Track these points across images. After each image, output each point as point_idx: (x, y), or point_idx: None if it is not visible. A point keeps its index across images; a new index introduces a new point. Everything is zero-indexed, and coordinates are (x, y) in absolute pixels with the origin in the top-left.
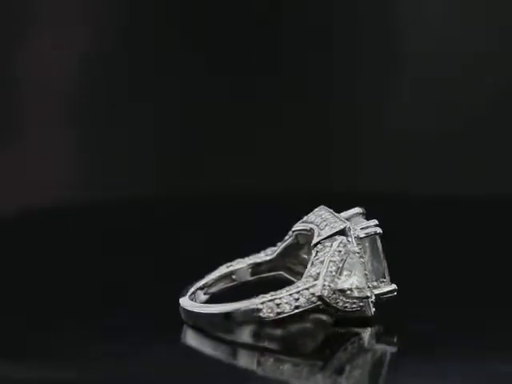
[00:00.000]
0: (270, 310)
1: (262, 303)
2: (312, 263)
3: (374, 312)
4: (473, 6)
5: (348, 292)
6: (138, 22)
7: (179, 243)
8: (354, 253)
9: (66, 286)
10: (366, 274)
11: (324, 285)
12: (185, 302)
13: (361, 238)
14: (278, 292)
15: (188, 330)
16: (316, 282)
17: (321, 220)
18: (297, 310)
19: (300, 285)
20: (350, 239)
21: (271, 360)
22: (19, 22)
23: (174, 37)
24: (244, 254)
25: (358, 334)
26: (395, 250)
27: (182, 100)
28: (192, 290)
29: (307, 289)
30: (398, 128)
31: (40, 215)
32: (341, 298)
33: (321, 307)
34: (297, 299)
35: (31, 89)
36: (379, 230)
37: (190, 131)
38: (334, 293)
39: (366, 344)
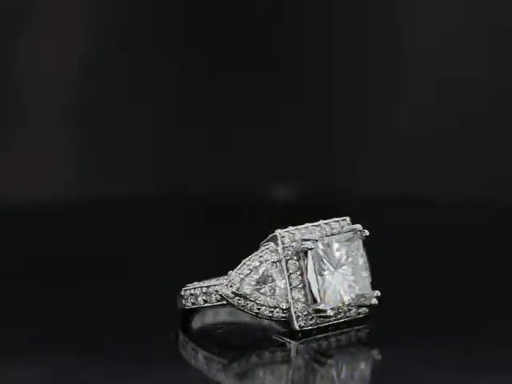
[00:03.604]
0: (187, 299)
1: (185, 291)
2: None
3: (301, 327)
4: (473, 7)
5: (253, 298)
6: (137, 21)
7: (179, 243)
8: (275, 262)
9: (65, 284)
10: (296, 287)
11: (227, 285)
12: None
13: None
14: (199, 283)
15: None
16: (223, 281)
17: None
18: (206, 304)
19: (213, 281)
20: (278, 248)
21: (189, 347)
22: (19, 22)
23: (174, 37)
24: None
25: (283, 345)
26: (393, 251)
27: (182, 100)
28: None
29: (215, 285)
30: (398, 128)
31: (39, 215)
32: (248, 302)
33: (227, 306)
34: (205, 293)
35: (31, 89)
36: (310, 245)
37: (189, 131)
38: (236, 295)
39: (286, 356)
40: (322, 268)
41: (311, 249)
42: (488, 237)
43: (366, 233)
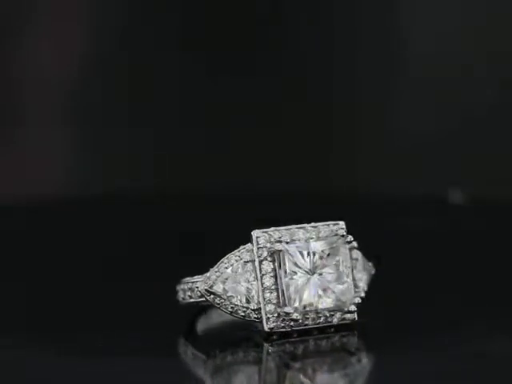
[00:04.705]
0: (179, 294)
1: (179, 285)
2: None
3: (271, 329)
4: (473, 7)
5: (225, 296)
6: (137, 21)
7: (179, 243)
8: (247, 262)
9: (65, 284)
10: (268, 288)
11: (204, 281)
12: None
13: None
14: (190, 278)
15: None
16: (202, 278)
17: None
18: (192, 300)
19: (197, 277)
20: (254, 248)
21: (183, 341)
22: (19, 22)
23: (174, 37)
24: None
25: (259, 346)
26: (392, 249)
27: (182, 100)
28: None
29: (197, 281)
30: (398, 128)
31: (39, 215)
32: (222, 300)
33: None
34: (190, 289)
35: (31, 89)
36: (279, 247)
37: (190, 131)
38: (210, 293)
39: (258, 357)
40: (294, 271)
41: (280, 250)
42: (488, 237)
43: (349, 238)
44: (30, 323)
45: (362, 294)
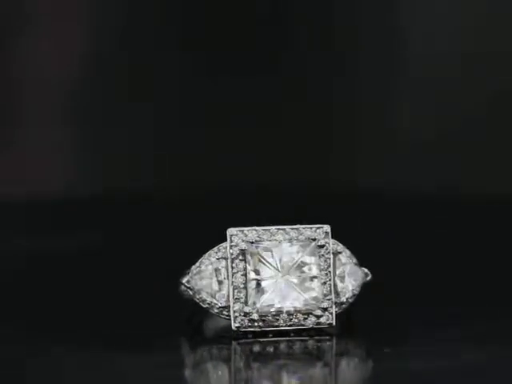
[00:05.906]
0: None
1: (181, 277)
2: None
3: (238, 328)
4: (473, 7)
5: (202, 292)
6: (137, 21)
7: (179, 243)
8: (218, 259)
9: (64, 283)
10: (237, 286)
11: (185, 276)
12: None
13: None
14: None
15: None
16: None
17: None
18: (184, 294)
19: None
20: (227, 246)
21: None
22: (19, 22)
23: (174, 37)
24: None
25: (228, 344)
26: (392, 249)
27: (182, 100)
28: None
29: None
30: (398, 128)
31: (39, 215)
32: (200, 295)
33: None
34: (181, 283)
35: (31, 89)
36: (244, 246)
37: (189, 131)
38: (188, 288)
39: (228, 355)
40: (262, 271)
41: (244, 250)
42: (488, 237)
43: (321, 242)
44: (31, 323)
45: (343, 299)
